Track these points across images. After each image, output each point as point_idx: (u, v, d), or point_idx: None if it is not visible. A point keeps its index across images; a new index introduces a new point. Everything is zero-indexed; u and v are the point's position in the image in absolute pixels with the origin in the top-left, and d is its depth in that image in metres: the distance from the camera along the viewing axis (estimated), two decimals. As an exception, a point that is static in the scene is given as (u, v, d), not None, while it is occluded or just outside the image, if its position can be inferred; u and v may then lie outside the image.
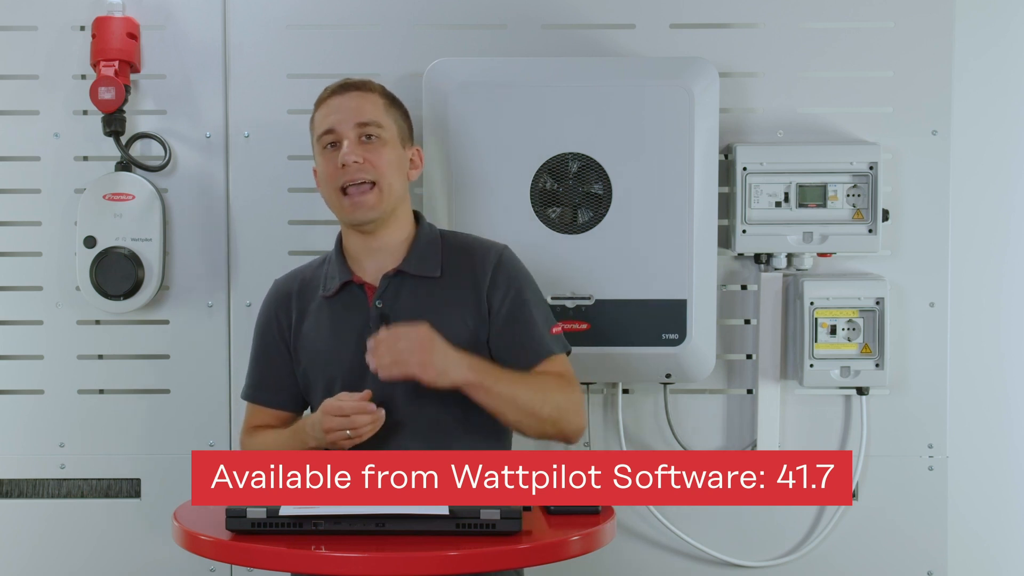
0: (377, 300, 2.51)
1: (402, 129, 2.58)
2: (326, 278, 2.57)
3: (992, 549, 3.15)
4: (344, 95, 2.53)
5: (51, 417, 3.06)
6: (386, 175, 2.50)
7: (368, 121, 2.51)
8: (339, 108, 2.52)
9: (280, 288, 2.64)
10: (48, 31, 3.03)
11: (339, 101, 2.53)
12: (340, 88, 2.55)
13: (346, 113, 2.51)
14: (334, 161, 2.50)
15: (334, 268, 2.56)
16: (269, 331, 2.61)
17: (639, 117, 2.83)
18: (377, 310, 2.50)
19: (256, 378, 2.63)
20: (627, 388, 3.03)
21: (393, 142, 2.54)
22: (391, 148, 2.53)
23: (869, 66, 3.02)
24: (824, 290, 2.95)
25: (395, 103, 2.59)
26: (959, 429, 3.08)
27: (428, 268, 2.52)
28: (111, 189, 2.98)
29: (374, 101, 2.54)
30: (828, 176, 2.95)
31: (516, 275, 2.55)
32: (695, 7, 3.02)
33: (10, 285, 3.06)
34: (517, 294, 2.52)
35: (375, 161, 2.49)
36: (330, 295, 2.54)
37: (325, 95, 2.57)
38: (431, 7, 3.02)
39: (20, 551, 3.06)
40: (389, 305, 2.50)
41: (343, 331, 2.51)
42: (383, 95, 2.57)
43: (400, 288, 2.51)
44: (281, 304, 2.60)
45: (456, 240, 2.60)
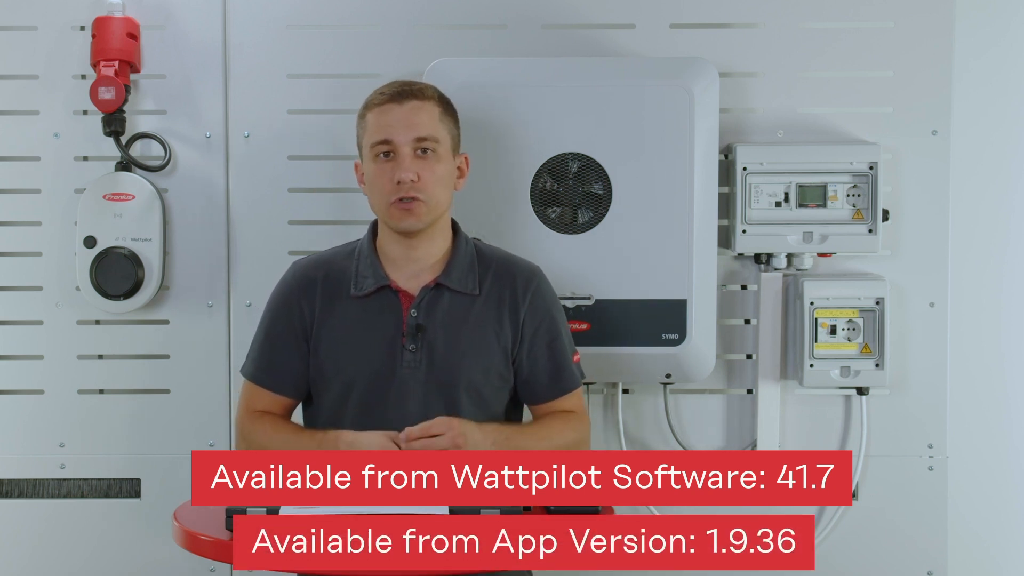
0: (413, 309, 2.50)
1: (455, 138, 2.55)
2: (358, 276, 2.54)
3: (992, 549, 3.15)
4: (402, 104, 2.48)
5: (51, 417, 3.06)
6: (435, 192, 2.48)
7: (425, 136, 2.47)
8: (397, 119, 2.47)
9: (304, 274, 2.58)
10: (48, 31, 3.03)
11: (397, 112, 2.48)
12: (398, 95, 2.49)
13: (404, 125, 2.47)
14: (388, 173, 2.47)
15: (367, 268, 2.54)
16: (287, 316, 2.55)
17: (639, 117, 2.83)
18: (413, 319, 2.49)
19: (265, 360, 2.57)
20: (627, 388, 3.03)
21: (446, 156, 2.51)
22: (444, 163, 2.50)
23: (869, 66, 3.02)
24: (824, 290, 2.95)
25: (449, 110, 2.55)
26: (959, 429, 3.08)
27: (467, 284, 2.52)
28: (111, 189, 2.98)
29: (431, 112, 2.49)
30: (828, 176, 2.95)
31: (552, 303, 2.58)
32: (695, 7, 3.02)
33: (10, 285, 3.06)
34: (552, 324, 2.55)
35: (428, 178, 2.47)
36: (362, 295, 2.52)
37: (381, 100, 2.50)
38: (431, 7, 3.02)
39: (20, 551, 3.06)
40: (424, 316, 2.50)
41: (372, 334, 2.50)
42: (439, 103, 2.52)
43: (437, 300, 2.51)
44: (305, 291, 2.55)
45: (493, 257, 2.59)
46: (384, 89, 2.52)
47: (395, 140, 2.47)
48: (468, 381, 2.49)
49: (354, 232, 2.69)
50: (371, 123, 2.50)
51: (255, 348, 2.60)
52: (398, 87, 2.51)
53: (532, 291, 2.54)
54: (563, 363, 2.55)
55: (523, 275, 2.56)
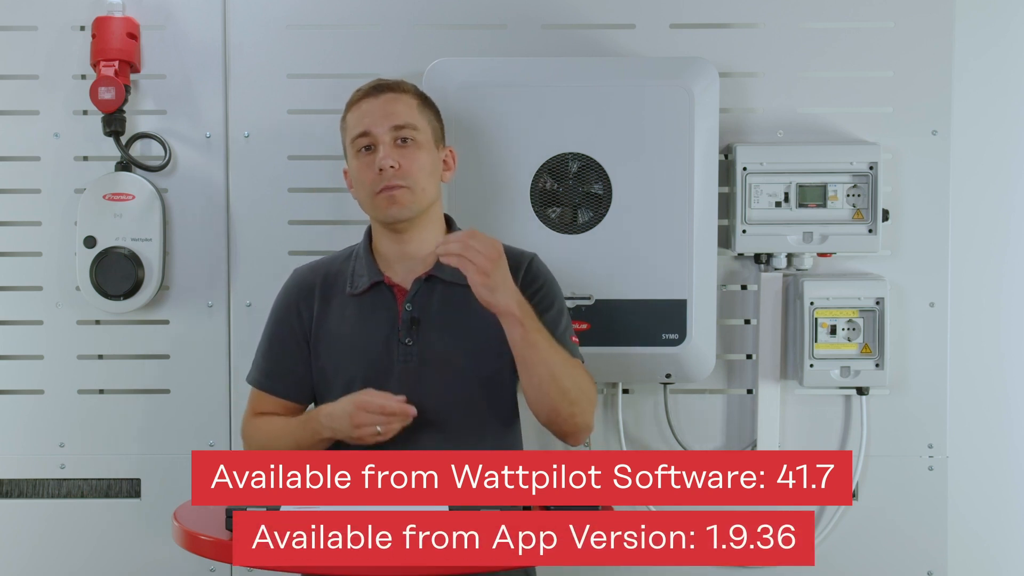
0: (407, 303, 2.50)
1: (436, 130, 2.56)
2: (354, 275, 2.55)
3: (992, 549, 3.15)
4: (378, 97, 2.51)
5: (51, 417, 3.06)
6: (420, 180, 2.48)
7: (403, 124, 2.48)
8: (373, 111, 2.50)
9: (303, 279, 2.60)
10: (48, 31, 3.03)
11: (373, 104, 2.51)
12: (373, 90, 2.53)
13: (380, 116, 2.49)
14: (370, 165, 2.48)
15: (363, 266, 2.55)
16: (288, 320, 2.57)
17: (639, 117, 2.83)
18: (407, 313, 2.50)
19: (268, 366, 2.59)
20: (627, 388, 3.03)
21: (428, 145, 2.52)
22: (426, 152, 2.51)
23: (869, 66, 3.02)
24: (824, 290, 2.95)
25: (427, 103, 2.57)
26: (959, 429, 3.08)
27: (460, 275, 2.50)
28: (111, 189, 2.98)
29: (407, 102, 2.52)
30: (828, 176, 2.95)
31: (545, 279, 2.56)
32: (695, 7, 3.02)
33: (10, 285, 3.06)
34: (545, 295, 2.52)
35: (410, 166, 2.47)
36: (358, 293, 2.53)
37: (357, 97, 2.54)
38: (431, 7, 3.03)
39: (20, 551, 3.06)
40: (419, 309, 2.50)
41: (369, 330, 2.50)
42: (416, 95, 2.55)
43: (431, 293, 2.51)
44: (303, 296, 2.57)
45: None
46: (362, 87, 2.55)
47: (373, 131, 2.48)
48: (466, 371, 2.49)
49: (354, 232, 2.69)
50: (350, 121, 2.54)
51: (259, 355, 2.62)
52: (375, 83, 2.55)
53: (524, 269, 2.53)
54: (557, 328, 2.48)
55: (515, 258, 2.53)
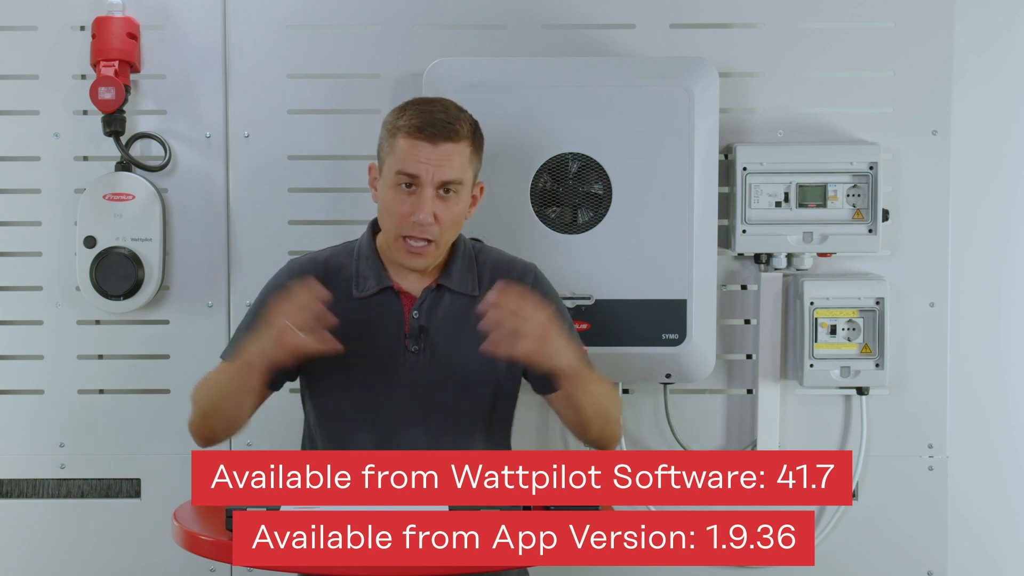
0: (415, 311, 2.50)
1: (477, 172, 2.50)
2: (359, 277, 2.52)
3: (992, 549, 3.15)
4: (436, 147, 2.40)
5: (51, 417, 3.06)
6: (447, 233, 2.45)
7: (452, 180, 2.43)
8: (427, 159, 2.40)
9: (301, 271, 2.52)
10: (48, 31, 3.03)
11: (428, 152, 2.40)
12: (433, 136, 2.40)
13: (434, 166, 2.41)
14: (406, 204, 2.42)
15: (368, 269, 2.52)
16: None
17: (639, 117, 2.83)
18: (415, 321, 2.49)
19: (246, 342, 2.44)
20: (627, 388, 3.03)
21: (466, 193, 2.48)
22: (463, 201, 2.46)
23: (869, 66, 3.02)
24: (824, 290, 2.95)
25: (478, 143, 2.49)
26: (959, 429, 3.08)
27: (467, 285, 2.51)
28: (111, 189, 2.98)
29: (462, 153, 2.43)
30: (828, 176, 2.95)
31: (549, 293, 2.57)
32: (695, 7, 3.02)
33: (10, 285, 3.06)
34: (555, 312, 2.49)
35: (444, 219, 2.43)
36: (364, 296, 2.51)
37: (414, 132, 2.41)
38: (431, 7, 3.02)
39: (20, 551, 3.06)
40: (426, 317, 2.49)
41: (374, 336, 2.49)
42: (471, 141, 2.45)
43: (438, 301, 2.51)
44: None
45: (491, 257, 2.58)
46: (420, 116, 2.42)
47: (422, 177, 2.42)
48: (471, 381, 2.49)
49: (354, 232, 2.68)
50: (400, 150, 2.43)
51: (238, 334, 2.54)
52: (432, 119, 2.42)
53: (529, 284, 2.53)
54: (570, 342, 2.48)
55: (518, 272, 2.55)
